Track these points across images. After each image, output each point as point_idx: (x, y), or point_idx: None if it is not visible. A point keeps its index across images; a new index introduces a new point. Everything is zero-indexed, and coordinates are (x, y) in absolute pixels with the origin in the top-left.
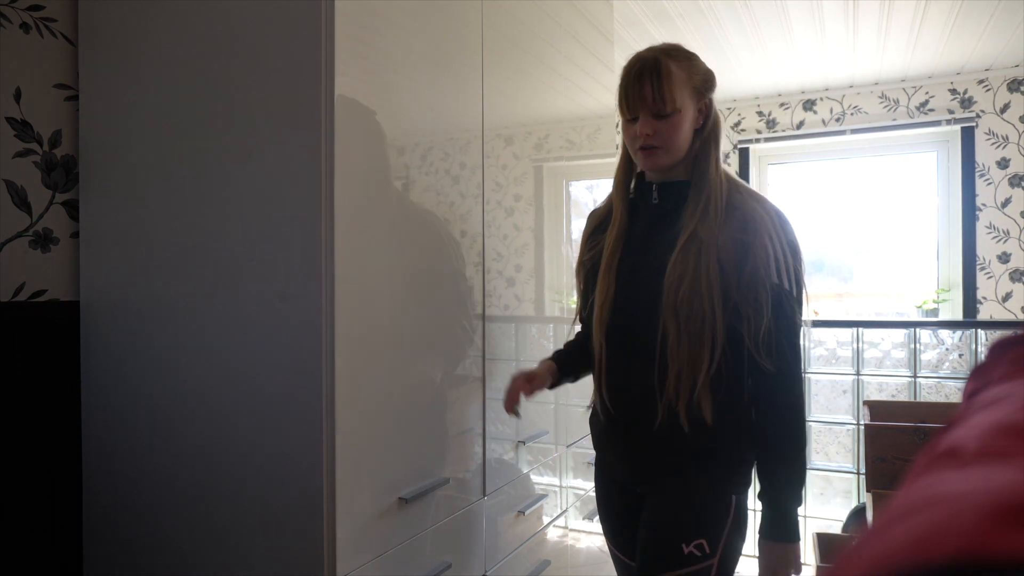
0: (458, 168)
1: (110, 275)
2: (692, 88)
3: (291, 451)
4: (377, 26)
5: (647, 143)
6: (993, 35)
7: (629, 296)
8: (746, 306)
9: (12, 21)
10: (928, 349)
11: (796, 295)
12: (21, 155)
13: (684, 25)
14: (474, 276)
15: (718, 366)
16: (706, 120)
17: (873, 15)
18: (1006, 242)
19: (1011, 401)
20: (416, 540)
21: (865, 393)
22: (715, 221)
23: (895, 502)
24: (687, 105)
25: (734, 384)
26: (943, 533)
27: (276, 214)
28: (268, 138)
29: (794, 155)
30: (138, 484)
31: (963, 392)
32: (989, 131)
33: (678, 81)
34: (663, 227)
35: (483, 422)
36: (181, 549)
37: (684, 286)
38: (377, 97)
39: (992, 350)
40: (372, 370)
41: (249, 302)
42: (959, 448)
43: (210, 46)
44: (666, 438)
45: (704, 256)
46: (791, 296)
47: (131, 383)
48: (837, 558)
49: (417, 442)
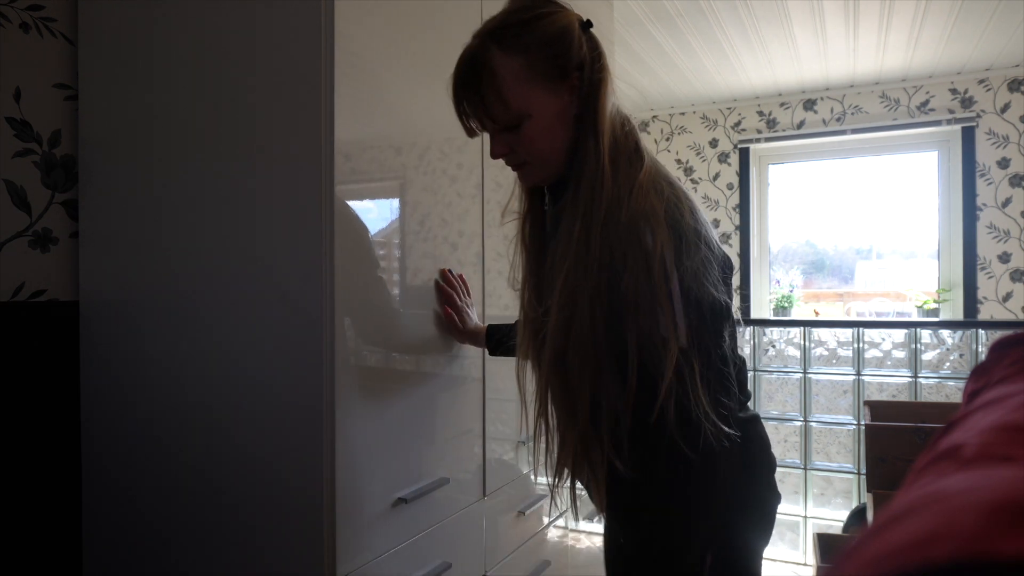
0: (456, 168)
1: (110, 275)
2: (541, 75)
3: (291, 451)
4: (377, 26)
5: (508, 163)
6: (993, 35)
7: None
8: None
9: (12, 21)
10: (929, 349)
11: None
12: (21, 155)
13: (684, 25)
14: (473, 276)
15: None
16: (583, 97)
17: (873, 15)
18: (1006, 242)
19: (1012, 401)
20: (416, 540)
21: (866, 393)
22: (592, 254)
23: (895, 502)
24: (539, 102)
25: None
26: (943, 533)
27: (276, 214)
28: (268, 138)
29: (794, 155)
30: (138, 484)
31: (963, 392)
32: (990, 131)
33: (512, 77)
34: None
35: (483, 422)
36: (181, 549)
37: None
38: (377, 97)
39: (992, 350)
40: (372, 370)
41: (249, 302)
42: (960, 448)
43: (210, 46)
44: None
45: (570, 305)
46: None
47: (131, 383)
48: (837, 558)
49: (417, 442)
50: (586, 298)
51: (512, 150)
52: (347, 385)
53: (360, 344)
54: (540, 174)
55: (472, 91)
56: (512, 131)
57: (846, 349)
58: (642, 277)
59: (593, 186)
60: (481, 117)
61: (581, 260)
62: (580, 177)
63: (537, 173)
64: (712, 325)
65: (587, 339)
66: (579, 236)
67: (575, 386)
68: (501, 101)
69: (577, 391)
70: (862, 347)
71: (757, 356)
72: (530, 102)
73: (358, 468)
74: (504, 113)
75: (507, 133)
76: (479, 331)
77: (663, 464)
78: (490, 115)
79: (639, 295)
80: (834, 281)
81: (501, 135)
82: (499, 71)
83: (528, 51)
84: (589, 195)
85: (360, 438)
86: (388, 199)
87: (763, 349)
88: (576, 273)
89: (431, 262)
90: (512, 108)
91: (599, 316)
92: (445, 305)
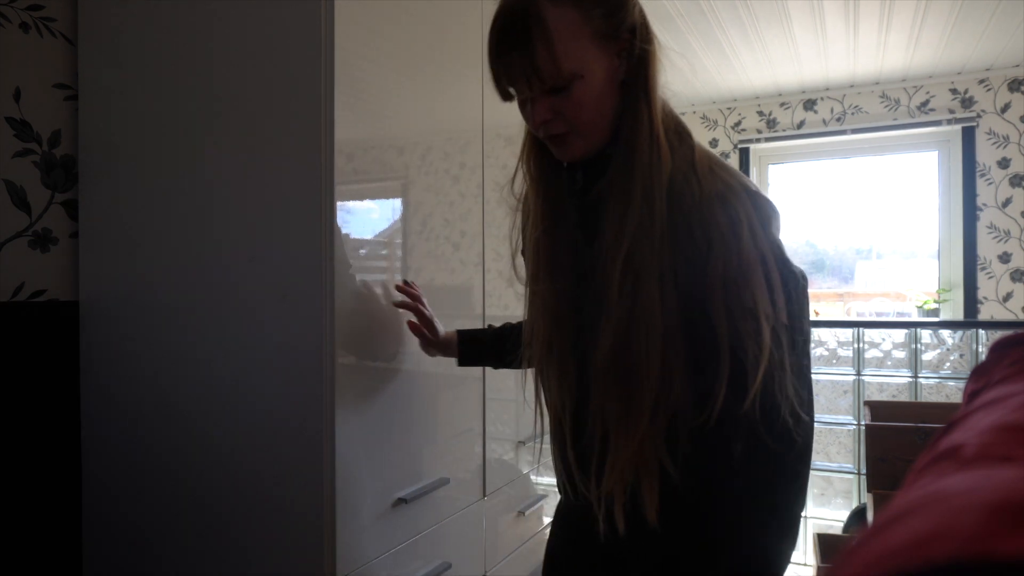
0: (458, 168)
1: (109, 275)
2: (594, 32)
3: (291, 451)
4: (377, 26)
5: (551, 132)
6: (994, 35)
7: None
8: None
9: (12, 21)
10: (929, 349)
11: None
12: (20, 155)
13: (684, 25)
14: (474, 276)
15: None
16: (633, 65)
17: (873, 15)
18: (1007, 242)
19: (1012, 401)
20: (416, 540)
21: (866, 393)
22: (656, 226)
23: (895, 502)
24: (592, 61)
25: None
26: (943, 533)
27: (276, 214)
28: (268, 138)
29: (795, 155)
30: (137, 484)
31: (964, 392)
32: (990, 131)
33: (568, 32)
34: (595, 225)
35: (483, 422)
36: (181, 549)
37: (611, 329)
38: (377, 97)
39: (993, 350)
40: (372, 370)
41: (249, 302)
42: (960, 448)
43: (210, 46)
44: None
45: (637, 286)
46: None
47: (130, 383)
48: (837, 558)
49: (417, 442)
50: (654, 279)
51: (556, 116)
52: (347, 385)
53: (360, 344)
54: (583, 146)
55: (519, 45)
56: (558, 94)
57: (846, 349)
58: (732, 251)
59: (651, 159)
60: (527, 75)
61: (646, 237)
62: (633, 149)
63: (579, 145)
64: (798, 304)
65: (655, 324)
66: (641, 213)
67: (641, 377)
68: (552, 57)
69: (643, 384)
70: (862, 347)
71: None
72: (582, 60)
73: (358, 468)
74: (554, 71)
75: (552, 96)
76: (450, 339)
77: (746, 464)
78: (538, 73)
79: (728, 270)
80: (834, 281)
81: (546, 98)
82: (551, 23)
83: (582, 3)
84: (647, 170)
85: (360, 438)
86: (390, 199)
87: None
88: (642, 252)
89: (433, 262)
90: (563, 66)
91: (669, 299)
92: (409, 321)
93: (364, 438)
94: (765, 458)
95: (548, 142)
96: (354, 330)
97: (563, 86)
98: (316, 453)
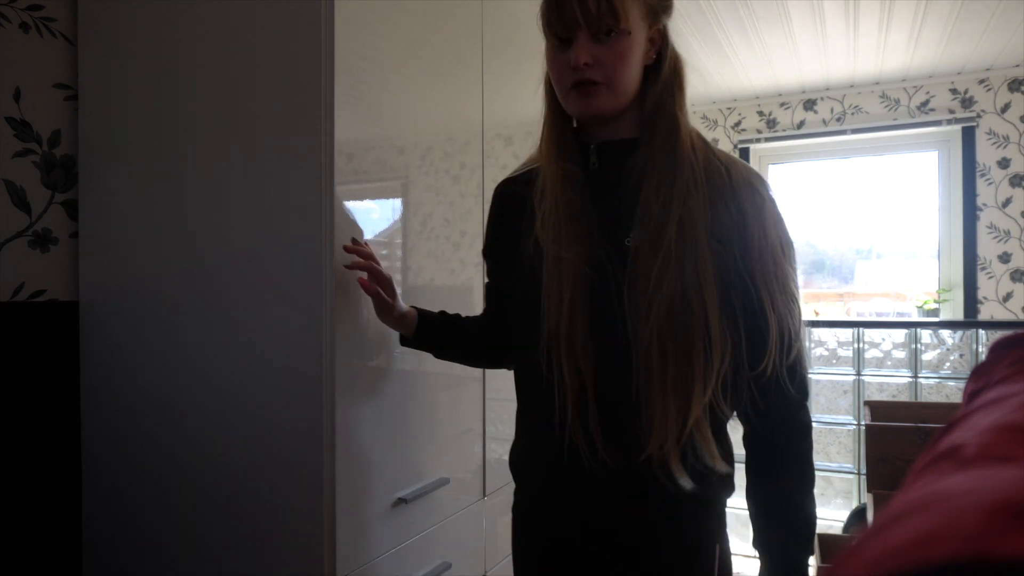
0: (458, 168)
1: (110, 275)
2: (645, 4)
3: (291, 451)
4: (377, 26)
5: (585, 76)
6: (994, 35)
7: (597, 303)
8: (752, 313)
9: (12, 21)
10: (929, 349)
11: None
12: (20, 155)
13: (684, 25)
14: (474, 276)
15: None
16: (660, 56)
17: (873, 15)
18: (1007, 242)
19: (1012, 401)
20: (416, 540)
21: (866, 393)
22: (702, 198)
23: (895, 502)
24: (639, 28)
25: (719, 411)
26: (943, 533)
27: (276, 214)
28: (268, 138)
29: (795, 155)
30: (138, 484)
31: (964, 392)
32: (990, 131)
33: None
34: (608, 204)
35: (483, 422)
36: (181, 549)
37: (666, 290)
38: (377, 97)
39: (993, 350)
40: (372, 370)
41: (249, 302)
42: (960, 448)
43: (210, 46)
44: (652, 483)
45: (691, 248)
46: (796, 294)
47: (131, 383)
48: (837, 558)
49: (417, 442)
50: (704, 245)
51: (596, 63)
52: (347, 385)
53: (360, 344)
54: (608, 101)
55: None
56: (604, 41)
57: (846, 349)
58: (771, 232)
59: (692, 141)
60: (591, 10)
61: (697, 207)
62: (676, 127)
63: (606, 99)
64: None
65: (711, 286)
66: (688, 185)
67: (699, 336)
68: (611, 3)
69: (699, 342)
70: (862, 347)
71: None
72: (634, 20)
73: (358, 468)
74: (610, 16)
75: (597, 44)
76: (408, 315)
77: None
78: (598, 11)
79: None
80: (834, 281)
81: (591, 44)
82: None
83: None
84: (689, 150)
85: (360, 438)
86: (390, 199)
87: None
88: (692, 220)
89: (433, 262)
90: (620, 14)
91: (714, 256)
92: (360, 278)
93: (364, 438)
94: (797, 405)
95: (576, 91)
96: (354, 330)
97: (613, 31)
98: (316, 453)
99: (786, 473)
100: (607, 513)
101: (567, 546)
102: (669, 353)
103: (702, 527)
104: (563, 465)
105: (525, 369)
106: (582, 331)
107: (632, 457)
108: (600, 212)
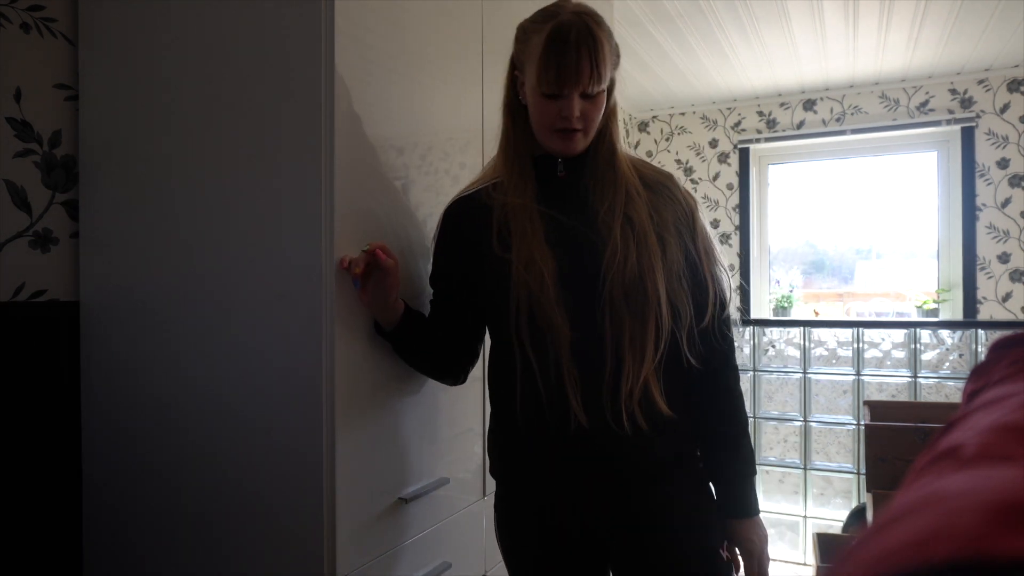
0: (458, 168)
1: (110, 275)
2: (614, 60)
3: (291, 451)
4: (377, 26)
5: (572, 126)
6: (993, 35)
7: (571, 283)
8: (694, 285)
9: (12, 21)
10: (928, 349)
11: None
12: (21, 155)
13: (684, 25)
14: None
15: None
16: (610, 94)
17: (873, 15)
18: (1006, 242)
19: (1011, 401)
20: (416, 540)
21: (865, 393)
22: (641, 200)
23: (895, 502)
24: (609, 80)
25: (671, 370)
26: (943, 533)
27: (276, 213)
28: (267, 137)
29: (794, 155)
30: (138, 484)
31: (963, 392)
32: (989, 131)
33: (609, 52)
34: (574, 205)
35: (483, 422)
36: (181, 549)
37: (628, 270)
38: (377, 97)
39: (992, 350)
40: (372, 370)
41: (249, 302)
42: (959, 448)
43: (210, 46)
44: (637, 442)
45: (641, 238)
46: (724, 264)
47: (131, 383)
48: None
49: (417, 442)
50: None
51: (582, 115)
52: (347, 385)
53: (360, 344)
54: (583, 143)
55: (589, 55)
56: (589, 99)
57: (846, 349)
58: (699, 214)
59: (623, 154)
60: (585, 79)
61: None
62: (614, 148)
63: (583, 142)
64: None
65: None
66: (628, 187)
67: (652, 306)
68: (599, 70)
69: (652, 311)
70: (862, 347)
71: (757, 356)
72: (608, 77)
73: (358, 468)
74: (599, 80)
75: (584, 100)
76: (396, 307)
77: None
78: (593, 78)
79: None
80: (834, 281)
81: (580, 100)
82: (603, 45)
83: (610, 38)
84: (623, 161)
85: (360, 438)
86: (390, 199)
87: (763, 349)
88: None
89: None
90: (604, 78)
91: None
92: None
93: (364, 438)
94: (731, 344)
95: (561, 136)
96: (354, 330)
97: (596, 93)
98: (316, 453)
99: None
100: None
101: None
102: (627, 327)
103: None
104: (548, 433)
105: (502, 362)
106: (560, 312)
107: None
108: (567, 215)
